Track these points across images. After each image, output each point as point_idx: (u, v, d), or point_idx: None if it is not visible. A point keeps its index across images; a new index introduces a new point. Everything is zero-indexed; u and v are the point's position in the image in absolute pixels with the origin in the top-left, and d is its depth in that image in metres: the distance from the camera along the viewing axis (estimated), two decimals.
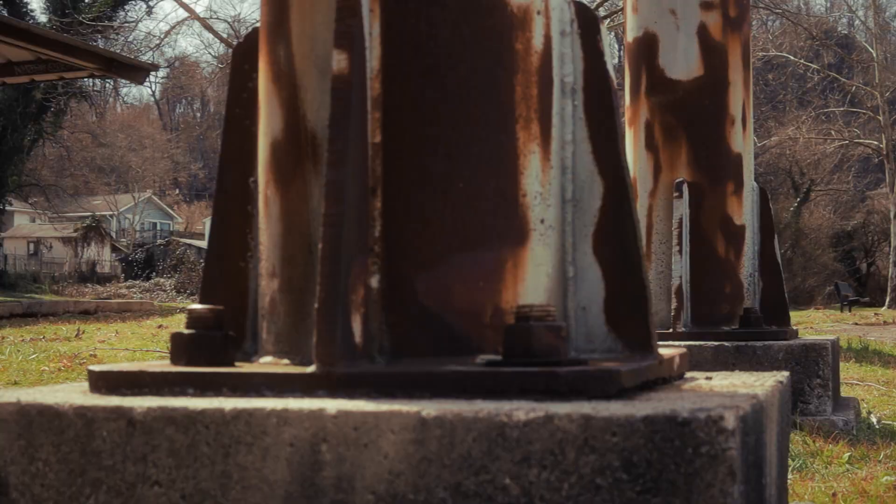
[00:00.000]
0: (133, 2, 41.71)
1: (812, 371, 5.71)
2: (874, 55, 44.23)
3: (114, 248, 58.74)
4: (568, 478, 1.85)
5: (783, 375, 2.90)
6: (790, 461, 4.41)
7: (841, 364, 10.67)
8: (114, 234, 62.59)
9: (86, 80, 35.58)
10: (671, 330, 6.09)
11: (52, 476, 2.13)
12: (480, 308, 2.34)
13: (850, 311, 35.23)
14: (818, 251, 52.70)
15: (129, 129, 68.43)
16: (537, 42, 2.44)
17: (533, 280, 2.40)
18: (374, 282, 2.32)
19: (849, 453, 4.75)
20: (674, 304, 6.09)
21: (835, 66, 53.25)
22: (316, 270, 2.20)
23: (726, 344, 5.79)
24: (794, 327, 6.80)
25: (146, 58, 33.37)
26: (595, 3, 28.23)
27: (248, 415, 2.01)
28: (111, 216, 65.95)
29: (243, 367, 2.30)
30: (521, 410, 1.89)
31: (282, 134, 2.45)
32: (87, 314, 20.78)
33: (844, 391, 8.27)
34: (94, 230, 56.28)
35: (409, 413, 1.93)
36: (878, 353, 12.39)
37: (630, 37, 6.72)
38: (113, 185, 68.10)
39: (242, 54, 2.71)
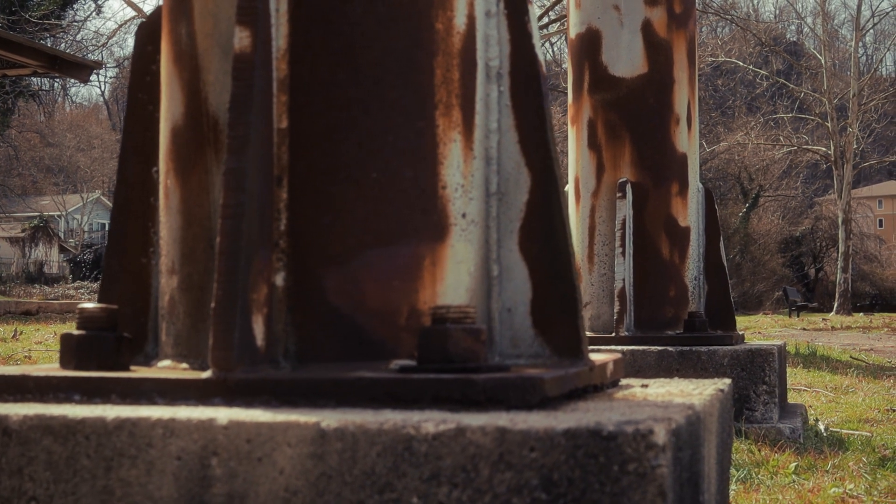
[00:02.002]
0: (82, 1, 41.32)
1: (758, 377, 5.56)
2: (822, 62, 44.47)
3: (62, 249, 58.08)
4: (482, 497, 1.67)
5: (724, 383, 2.74)
6: (734, 471, 4.25)
7: (789, 370, 10.58)
8: (62, 235, 61.90)
9: (34, 79, 35.17)
10: (614, 334, 5.92)
11: None
12: (395, 309, 2.16)
13: (798, 316, 35.31)
14: (767, 256, 52.95)
15: (77, 129, 67.72)
16: (459, 22, 2.26)
17: (453, 279, 2.22)
18: (279, 279, 2.13)
19: (795, 463, 4.59)
20: (616, 308, 5.92)
21: (783, 72, 53.54)
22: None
23: (670, 349, 5.63)
24: (741, 332, 6.66)
25: (95, 57, 33.05)
26: (545, 7, 28.18)
27: (131, 425, 1.82)
28: (59, 216, 65.26)
29: (137, 372, 2.11)
30: (431, 422, 1.70)
31: (182, 119, 2.26)
32: (28, 315, 20.42)
33: (792, 397, 8.16)
34: (41, 230, 55.66)
35: (307, 424, 1.75)
36: (825, 359, 12.32)
37: (573, 33, 6.55)
38: (61, 186, 67.40)
39: (146, 35, 2.52)
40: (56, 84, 52.75)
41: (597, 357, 2.45)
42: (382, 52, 2.18)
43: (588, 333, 6.20)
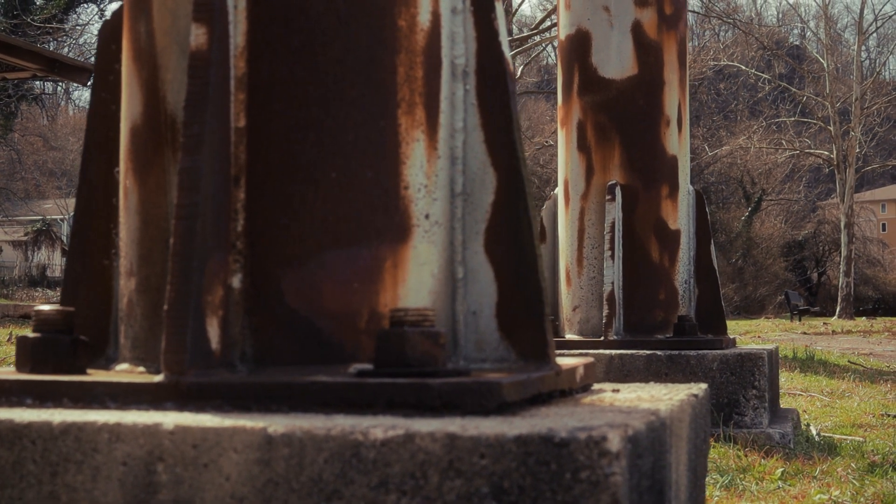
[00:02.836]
0: (85, 4, 41.33)
1: (747, 381, 5.50)
2: (825, 66, 44.39)
3: (64, 252, 58.09)
4: None
5: (700, 388, 2.69)
6: (718, 477, 4.20)
7: (786, 374, 10.52)
8: (65, 239, 61.89)
9: (37, 83, 35.15)
10: (602, 338, 5.86)
11: None
12: (355, 311, 2.11)
13: (799, 320, 35.24)
14: (769, 260, 52.89)
15: (80, 133, 67.50)
16: (423, 19, 2.21)
17: (416, 281, 2.17)
18: (236, 281, 2.09)
19: (782, 469, 4.54)
20: (605, 312, 5.87)
21: (786, 76, 53.52)
22: None
23: (659, 353, 5.57)
24: (735, 336, 6.60)
25: None
26: (547, 10, 28.16)
27: (77, 429, 1.78)
28: (62, 220, 65.27)
29: (92, 376, 2.07)
30: (380, 428, 1.66)
31: (141, 118, 2.21)
32: (26, 319, 20.37)
33: (787, 402, 8.10)
34: (44, 234, 55.71)
35: (253, 429, 1.70)
36: (823, 363, 12.26)
37: (563, 34, 6.50)
38: (64, 189, 67.41)
39: (109, 33, 2.47)
40: (59, 87, 52.73)
41: (566, 361, 2.40)
42: (343, 49, 2.13)
43: (576, 337, 6.15)
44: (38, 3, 39.35)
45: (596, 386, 2.58)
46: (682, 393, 2.44)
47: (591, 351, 5.68)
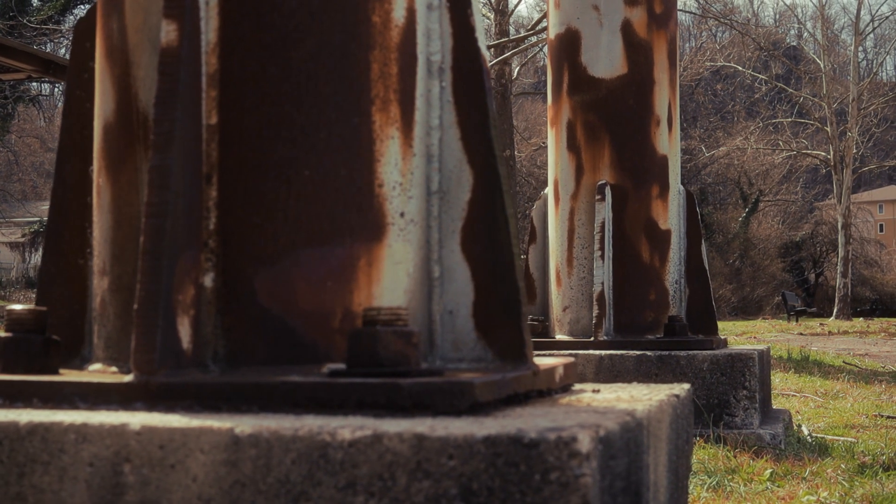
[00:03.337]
0: (83, 6, 41.28)
1: (738, 382, 5.48)
2: (822, 66, 44.36)
3: None
4: None
5: (682, 388, 2.67)
6: (706, 478, 4.17)
7: (780, 374, 10.49)
8: None
9: (34, 84, 35.11)
10: (592, 338, 5.83)
11: None
12: (329, 311, 2.09)
13: (796, 321, 35.21)
14: (767, 261, 52.89)
15: None
16: (398, 15, 2.19)
17: (391, 280, 2.15)
18: (208, 280, 2.06)
19: (771, 469, 4.51)
20: (595, 312, 5.84)
21: (783, 77, 53.48)
22: None
23: (649, 353, 5.55)
24: (728, 336, 6.58)
25: None
26: (544, 12, 28.09)
27: (44, 430, 1.76)
28: None
29: (63, 376, 2.04)
30: (348, 429, 1.64)
31: (113, 116, 2.19)
32: None
33: (780, 402, 8.08)
34: (42, 235, 55.64)
35: (220, 430, 1.68)
36: (818, 364, 12.23)
37: (552, 33, 6.47)
38: None
39: (83, 31, 2.45)
40: (56, 89, 52.64)
41: (546, 361, 2.38)
42: (316, 45, 2.11)
43: (567, 338, 6.13)
44: (34, 5, 39.35)
45: (577, 386, 2.55)
46: (663, 393, 2.41)
47: (580, 351, 5.66)
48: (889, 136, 57.62)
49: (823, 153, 46.43)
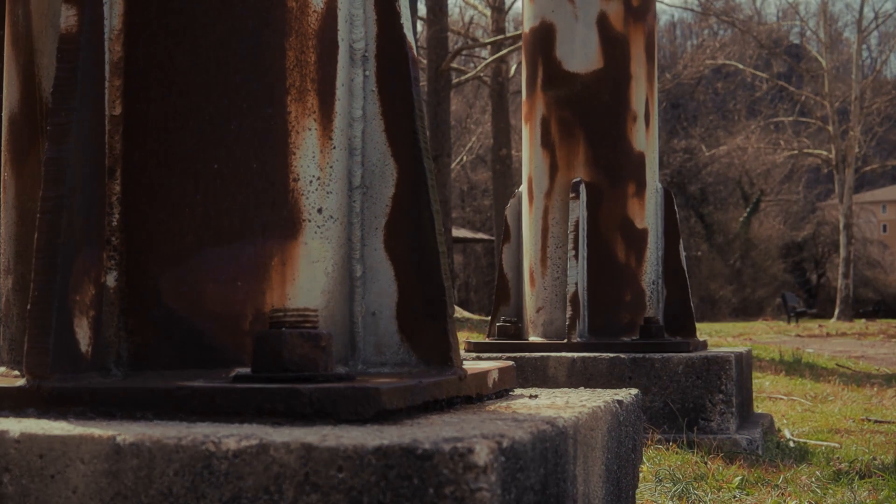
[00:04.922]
0: None
1: (713, 386, 5.35)
2: (824, 65, 44.19)
3: None
4: None
5: (628, 393, 2.56)
6: (671, 486, 4.04)
7: (771, 377, 10.37)
8: None
9: None
10: (566, 340, 5.70)
11: None
12: (239, 312, 1.98)
13: (796, 322, 35.06)
14: (768, 262, 52.75)
15: None
16: (317, 0, 2.08)
17: (307, 279, 2.04)
18: (111, 279, 1.96)
19: (741, 476, 4.38)
20: (569, 313, 5.71)
21: (784, 75, 53.29)
22: None
23: (622, 356, 5.42)
24: (717, 338, 6.47)
25: None
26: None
27: None
28: None
29: None
30: (234, 438, 1.53)
31: (18, 106, 2.09)
32: None
33: (766, 406, 7.95)
34: None
35: (101, 438, 1.57)
36: (810, 366, 12.09)
37: (526, 27, 6.34)
38: None
39: None
40: None
41: (479, 365, 2.27)
42: (226, 32, 2.00)
43: (540, 339, 6.00)
44: None
45: (517, 391, 2.45)
46: (602, 399, 2.31)
47: (553, 354, 5.53)
48: (892, 136, 57.37)
49: (825, 152, 46.24)
